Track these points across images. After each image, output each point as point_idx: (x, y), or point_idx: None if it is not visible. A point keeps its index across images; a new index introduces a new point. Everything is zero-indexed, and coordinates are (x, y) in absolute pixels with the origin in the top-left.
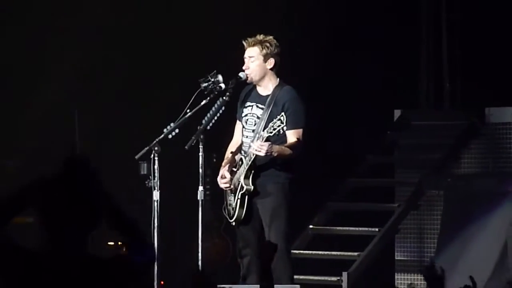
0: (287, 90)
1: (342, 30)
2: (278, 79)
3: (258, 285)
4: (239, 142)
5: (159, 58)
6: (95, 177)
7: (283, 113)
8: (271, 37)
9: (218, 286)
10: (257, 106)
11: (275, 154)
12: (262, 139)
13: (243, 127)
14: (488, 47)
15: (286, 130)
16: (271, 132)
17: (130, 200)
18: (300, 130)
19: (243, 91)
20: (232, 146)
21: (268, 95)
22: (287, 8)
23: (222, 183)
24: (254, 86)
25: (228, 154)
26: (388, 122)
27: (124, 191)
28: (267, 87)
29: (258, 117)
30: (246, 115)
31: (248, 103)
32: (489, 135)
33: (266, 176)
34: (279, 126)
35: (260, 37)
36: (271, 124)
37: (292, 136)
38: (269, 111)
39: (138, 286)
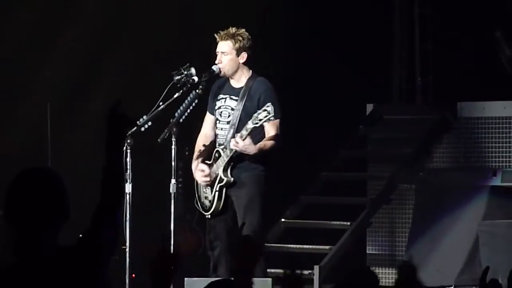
0: (261, 81)
1: (315, 24)
2: (251, 71)
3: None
4: (208, 135)
5: (132, 50)
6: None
7: (269, 103)
8: (243, 30)
9: (187, 279)
10: (231, 98)
11: (253, 152)
12: (247, 131)
13: (217, 119)
14: (460, 42)
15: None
16: (256, 123)
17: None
18: (278, 121)
19: (215, 84)
20: (202, 139)
21: (241, 87)
22: (261, 2)
23: (202, 176)
24: (227, 79)
25: (198, 147)
26: (360, 116)
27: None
28: (240, 79)
29: (232, 109)
30: (219, 108)
31: (221, 96)
32: (461, 129)
33: (241, 168)
34: (266, 116)
35: (232, 30)
36: (255, 115)
37: (271, 127)
38: (244, 102)
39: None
